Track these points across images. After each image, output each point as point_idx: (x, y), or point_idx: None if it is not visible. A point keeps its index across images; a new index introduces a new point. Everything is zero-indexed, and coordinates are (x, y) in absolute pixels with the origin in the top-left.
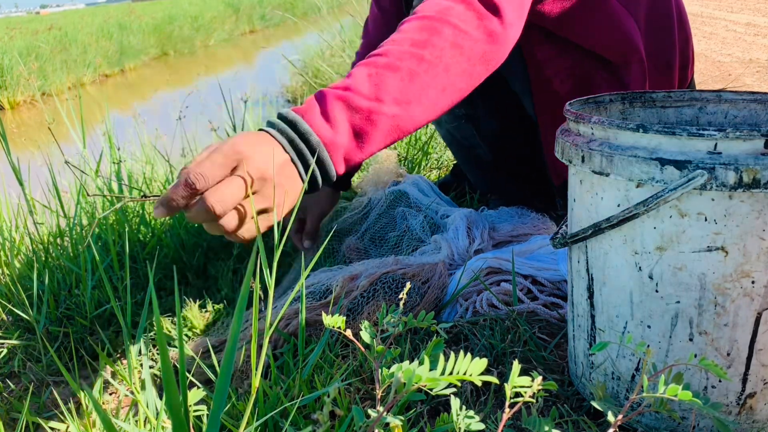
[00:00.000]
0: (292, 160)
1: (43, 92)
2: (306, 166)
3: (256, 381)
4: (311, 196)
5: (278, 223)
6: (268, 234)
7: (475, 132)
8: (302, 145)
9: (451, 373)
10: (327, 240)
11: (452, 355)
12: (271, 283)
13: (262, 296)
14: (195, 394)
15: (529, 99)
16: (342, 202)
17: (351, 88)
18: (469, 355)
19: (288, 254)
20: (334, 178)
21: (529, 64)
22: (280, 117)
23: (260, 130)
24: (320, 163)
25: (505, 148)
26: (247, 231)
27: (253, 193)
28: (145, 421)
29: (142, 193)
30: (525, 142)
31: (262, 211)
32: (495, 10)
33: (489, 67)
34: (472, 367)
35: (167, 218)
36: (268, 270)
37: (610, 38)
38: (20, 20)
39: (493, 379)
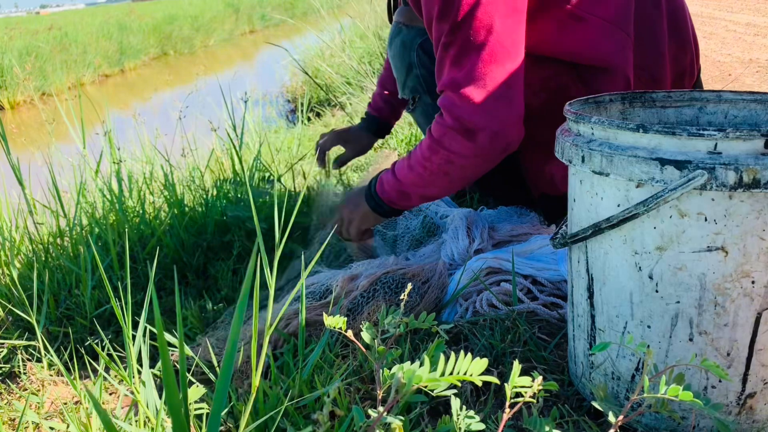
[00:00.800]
0: (372, 207)
1: (43, 92)
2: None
3: (256, 380)
4: (357, 133)
5: (279, 225)
6: (268, 234)
7: None
8: (374, 201)
9: (451, 374)
10: (327, 240)
11: (452, 355)
12: (271, 282)
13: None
14: (195, 392)
15: None
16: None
17: (396, 173)
18: (469, 355)
19: (285, 256)
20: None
21: None
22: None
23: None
24: (380, 207)
25: None
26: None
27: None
28: (145, 421)
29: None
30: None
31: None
32: (472, 136)
33: (489, 165)
34: (472, 368)
35: (167, 218)
36: (268, 270)
37: (586, 53)
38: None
39: (494, 379)
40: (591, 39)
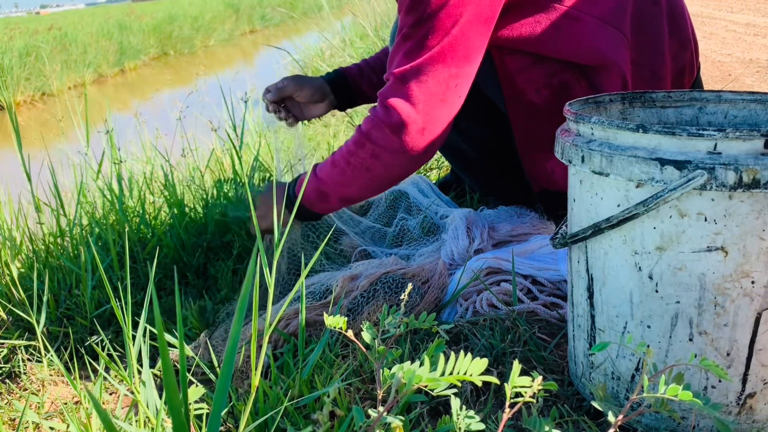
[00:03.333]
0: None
1: (43, 92)
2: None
3: (256, 380)
4: (316, 82)
5: (278, 228)
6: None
7: (460, 138)
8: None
9: (451, 374)
10: (326, 239)
11: (452, 355)
12: (271, 282)
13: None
14: (195, 392)
15: (504, 105)
16: None
17: (318, 172)
18: (469, 355)
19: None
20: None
21: (500, 75)
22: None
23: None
24: (293, 200)
25: (492, 151)
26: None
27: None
28: (145, 422)
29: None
30: (510, 145)
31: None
32: (401, 129)
33: (412, 165)
34: (472, 367)
35: (167, 218)
36: (268, 270)
37: (583, 53)
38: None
39: (494, 379)
40: (586, 38)
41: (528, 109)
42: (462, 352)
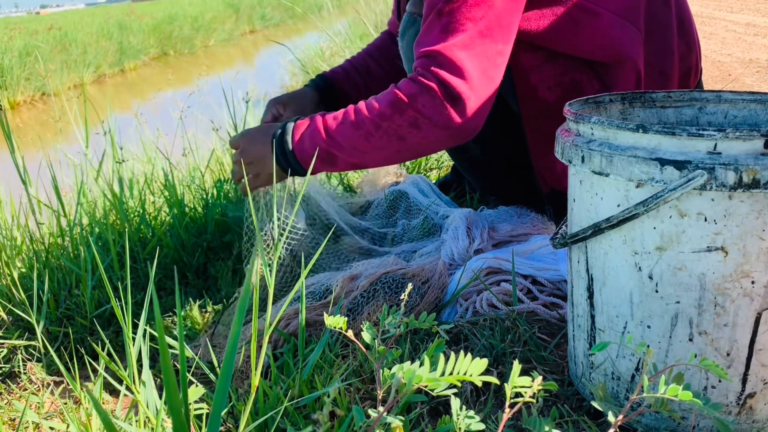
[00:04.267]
0: (281, 165)
1: (43, 92)
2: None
3: (256, 380)
4: (297, 94)
5: (277, 225)
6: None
7: None
8: (285, 158)
9: (451, 374)
10: (326, 240)
11: (452, 355)
12: (271, 282)
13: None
14: (195, 392)
15: (516, 103)
16: (343, 200)
17: (329, 130)
18: (469, 355)
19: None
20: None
21: (513, 71)
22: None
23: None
24: (289, 157)
25: (498, 149)
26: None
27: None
28: (145, 422)
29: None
30: (518, 143)
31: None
32: (455, 102)
33: (449, 143)
34: (472, 368)
35: (167, 218)
36: (268, 270)
37: (598, 49)
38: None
39: (494, 380)
40: (604, 33)
41: (540, 108)
42: (462, 352)
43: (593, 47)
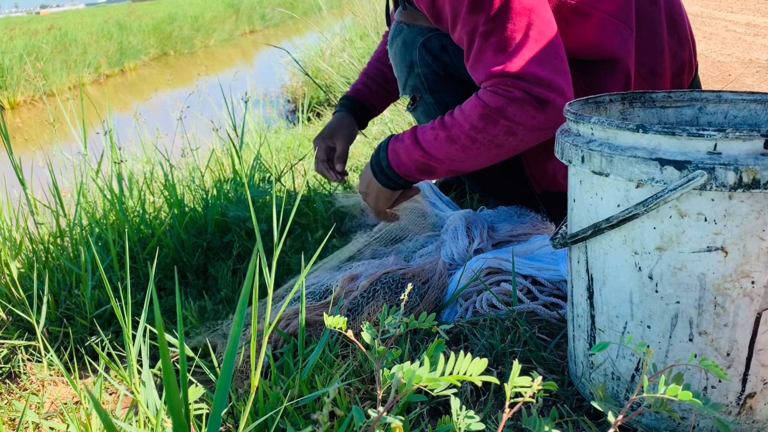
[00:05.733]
0: (382, 183)
1: (43, 92)
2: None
3: (256, 380)
4: (336, 122)
5: (278, 225)
6: (268, 234)
7: None
8: (386, 176)
9: (451, 374)
10: (326, 239)
11: (452, 355)
12: (270, 282)
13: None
14: (195, 392)
15: None
16: (342, 201)
17: (423, 146)
18: (469, 355)
19: (285, 253)
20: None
21: None
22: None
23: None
24: (388, 173)
25: None
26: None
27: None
28: (145, 422)
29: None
30: None
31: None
32: (544, 107)
33: (544, 138)
34: (471, 368)
35: (167, 218)
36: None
37: (587, 49)
38: (20, 20)
39: (493, 379)
40: (596, 33)
41: None
42: (462, 352)
43: (585, 46)
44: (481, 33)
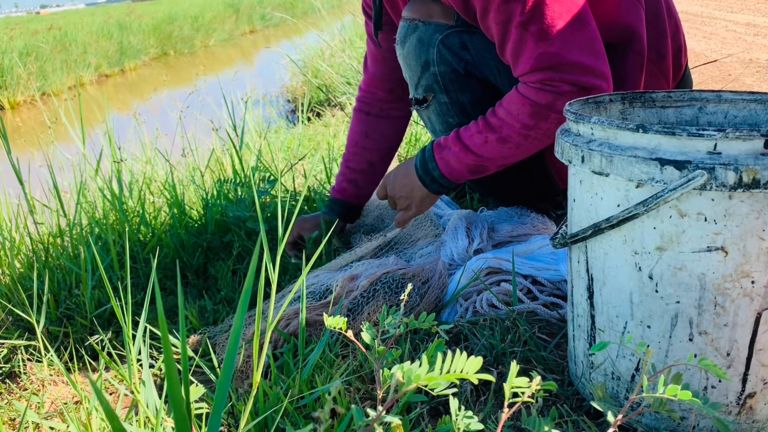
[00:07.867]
0: (433, 191)
1: (43, 92)
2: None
3: (258, 376)
4: (326, 227)
5: (282, 224)
6: (268, 234)
7: None
8: (438, 184)
9: (448, 372)
10: (326, 240)
11: (449, 354)
12: (274, 278)
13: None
14: (195, 391)
15: None
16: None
17: (474, 150)
18: (465, 353)
19: (284, 254)
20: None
21: None
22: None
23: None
24: (439, 180)
25: None
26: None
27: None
28: (145, 422)
29: None
30: None
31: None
32: (592, 92)
33: None
34: (468, 366)
35: (167, 218)
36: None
37: (612, 29)
38: (20, 20)
39: (490, 377)
40: (616, 8)
41: None
42: (459, 351)
43: (605, 24)
44: (518, 23)
